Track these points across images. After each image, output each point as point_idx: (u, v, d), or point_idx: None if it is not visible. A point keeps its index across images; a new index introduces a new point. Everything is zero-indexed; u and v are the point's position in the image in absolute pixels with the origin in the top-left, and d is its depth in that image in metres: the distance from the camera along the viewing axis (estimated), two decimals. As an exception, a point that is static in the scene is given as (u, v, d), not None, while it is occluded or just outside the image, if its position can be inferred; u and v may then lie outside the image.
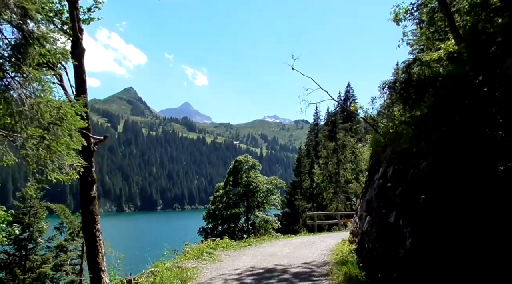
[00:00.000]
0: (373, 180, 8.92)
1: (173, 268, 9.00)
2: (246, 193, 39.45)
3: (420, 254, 3.90)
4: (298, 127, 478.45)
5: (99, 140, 11.15)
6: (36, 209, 14.88)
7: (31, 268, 13.81)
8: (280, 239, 16.02)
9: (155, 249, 23.25)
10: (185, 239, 54.26)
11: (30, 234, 14.34)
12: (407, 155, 6.00)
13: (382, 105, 12.38)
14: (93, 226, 10.30)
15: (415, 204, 4.52)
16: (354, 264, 7.50)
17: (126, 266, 15.65)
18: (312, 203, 45.43)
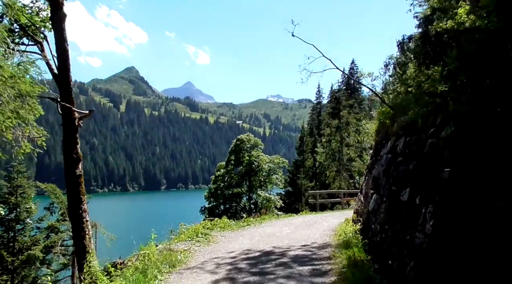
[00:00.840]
0: (380, 156, 8.13)
1: (163, 251, 8.34)
2: (248, 172, 38.89)
3: (445, 241, 3.16)
4: (301, 106, 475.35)
5: (84, 115, 10.36)
6: (23, 188, 14.23)
7: (20, 250, 13.27)
8: (281, 218, 15.38)
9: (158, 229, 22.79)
10: (187, 218, 54.30)
11: (17, 214, 13.74)
12: (423, 123, 5.18)
13: (387, 80, 11.48)
14: (79, 206, 9.63)
15: (436, 180, 3.75)
16: (359, 247, 6.79)
17: (125, 247, 15.16)
18: (314, 182, 44.95)
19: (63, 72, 10.14)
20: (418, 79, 5.86)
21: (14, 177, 14.13)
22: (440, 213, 3.29)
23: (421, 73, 5.85)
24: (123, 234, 47.79)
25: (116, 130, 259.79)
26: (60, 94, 10.13)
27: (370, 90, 9.16)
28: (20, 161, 14.41)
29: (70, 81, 10.21)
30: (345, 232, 9.18)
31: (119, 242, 44.10)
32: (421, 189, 4.11)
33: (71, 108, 9.87)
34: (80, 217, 9.56)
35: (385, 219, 5.66)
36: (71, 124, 10.04)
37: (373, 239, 6.55)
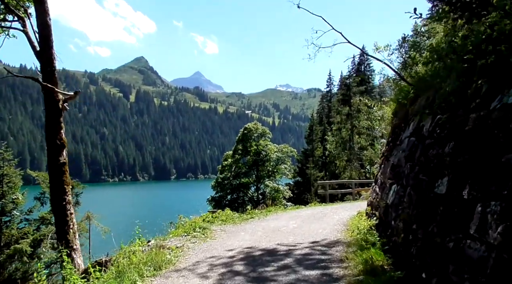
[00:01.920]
0: (400, 140, 7.02)
1: (153, 248, 7.40)
2: (256, 161, 37.94)
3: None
4: (310, 95, 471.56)
5: (69, 97, 9.40)
6: (10, 177, 13.38)
7: (7, 243, 12.49)
8: (288, 210, 14.36)
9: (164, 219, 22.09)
10: (194, 209, 53.91)
11: (2, 205, 12.90)
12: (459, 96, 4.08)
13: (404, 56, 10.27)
14: (62, 197, 8.73)
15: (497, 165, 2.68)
16: (376, 248, 5.74)
17: (128, 239, 14.33)
18: (324, 172, 43.84)
19: (45, 49, 9.17)
20: (450, 44, 4.72)
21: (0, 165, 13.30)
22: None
23: (456, 34, 4.72)
24: (128, 225, 47.49)
25: (126, 120, 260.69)
26: (42, 73, 9.19)
27: (387, 66, 7.99)
28: (6, 148, 13.59)
29: (53, 59, 9.23)
30: (358, 228, 8.12)
31: (123, 233, 43.83)
32: (471, 179, 3.04)
33: (53, 89, 8.90)
34: (64, 209, 8.66)
35: (412, 216, 4.58)
36: (54, 107, 9.10)
37: (394, 239, 5.48)
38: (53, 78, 9.17)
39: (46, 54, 9.13)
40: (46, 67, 9.13)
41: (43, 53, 9.13)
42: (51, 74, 9.16)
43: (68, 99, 9.44)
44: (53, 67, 9.24)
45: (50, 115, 9.07)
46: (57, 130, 9.04)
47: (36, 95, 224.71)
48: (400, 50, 9.06)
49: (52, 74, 9.18)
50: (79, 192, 15.89)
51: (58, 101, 9.15)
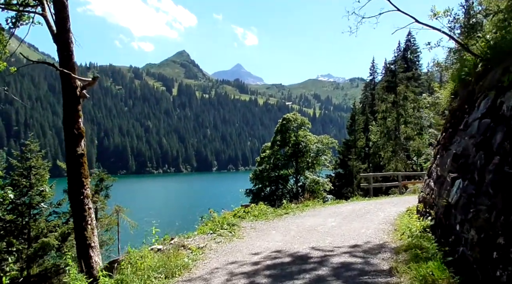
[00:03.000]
0: (465, 124, 5.68)
1: (170, 250, 6.58)
2: (295, 153, 36.72)
3: None
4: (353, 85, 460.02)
5: (88, 83, 8.76)
6: (37, 169, 13.16)
7: (37, 237, 12.30)
8: (327, 205, 13.16)
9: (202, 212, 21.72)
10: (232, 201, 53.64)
11: (29, 198, 12.73)
12: None
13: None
14: (80, 191, 8.12)
15: None
16: (437, 259, 4.52)
17: (159, 233, 13.80)
18: (367, 163, 41.95)
19: (61, 32, 8.56)
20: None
21: (27, 157, 13.07)
22: None
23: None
24: (165, 218, 48.17)
25: (169, 113, 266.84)
26: (59, 58, 8.59)
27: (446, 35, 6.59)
28: (33, 139, 13.41)
29: (70, 43, 8.61)
30: (409, 229, 6.86)
31: (160, 226, 44.50)
32: None
33: (70, 75, 8.27)
34: (81, 203, 8.06)
35: (496, 225, 3.35)
36: (71, 94, 8.50)
37: (461, 250, 4.25)
38: (70, 63, 8.57)
39: (62, 37, 8.53)
40: (63, 51, 8.53)
41: (59, 36, 8.54)
42: (67, 59, 8.56)
43: (86, 86, 8.81)
44: (70, 51, 8.63)
45: (67, 103, 8.49)
46: (75, 118, 8.45)
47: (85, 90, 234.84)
48: (463, 15, 7.60)
49: (69, 59, 8.58)
50: (109, 184, 15.57)
51: (75, 87, 8.54)
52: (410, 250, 5.37)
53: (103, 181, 15.17)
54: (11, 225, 11.91)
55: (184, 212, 50.06)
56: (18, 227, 12.00)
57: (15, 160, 12.87)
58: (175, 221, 19.81)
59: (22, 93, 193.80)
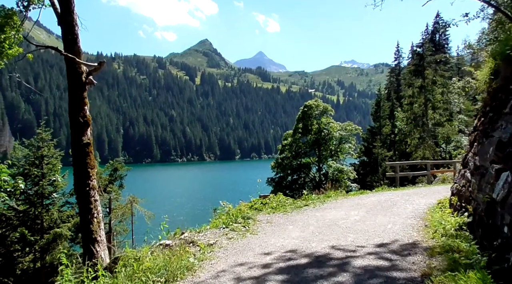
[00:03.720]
0: None
1: (177, 247, 6.07)
2: (317, 140, 35.83)
3: None
4: (377, 71, 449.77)
5: (94, 68, 8.28)
6: (49, 158, 12.87)
7: (50, 227, 12.12)
8: (350, 196, 12.39)
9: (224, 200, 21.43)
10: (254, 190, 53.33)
11: (40, 188, 12.50)
12: None
13: None
14: (85, 182, 7.72)
15: None
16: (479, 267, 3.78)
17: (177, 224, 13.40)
18: (393, 151, 40.63)
19: (65, 15, 8.09)
20: None
21: (38, 145, 12.80)
22: None
23: None
24: (185, 207, 48.49)
25: (192, 102, 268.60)
26: (64, 42, 8.15)
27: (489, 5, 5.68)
28: (45, 128, 13.16)
29: (74, 26, 8.13)
30: (443, 226, 6.10)
31: (175, 217, 44.26)
32: None
33: (74, 59, 7.81)
34: (87, 195, 7.66)
35: None
36: (76, 80, 8.06)
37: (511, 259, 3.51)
38: (74, 47, 8.11)
39: (66, 19, 8.05)
40: (67, 35, 8.07)
41: (63, 18, 8.06)
42: (72, 43, 8.10)
43: (92, 71, 8.34)
44: (75, 34, 8.15)
45: (72, 89, 8.06)
46: (80, 106, 8.02)
47: (111, 81, 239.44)
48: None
49: (73, 43, 8.11)
50: (123, 174, 15.28)
51: (81, 73, 8.09)
52: (446, 254, 4.64)
53: (117, 171, 14.90)
54: (24, 215, 11.79)
55: (204, 201, 50.30)
56: (30, 217, 11.85)
57: (27, 149, 12.66)
58: (194, 211, 19.36)
59: (51, 83, 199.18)
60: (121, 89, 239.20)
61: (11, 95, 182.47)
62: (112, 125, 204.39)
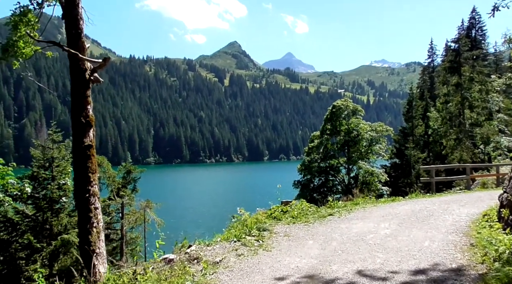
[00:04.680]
0: None
1: (175, 266, 5.29)
2: (347, 142, 34.52)
3: None
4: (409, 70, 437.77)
5: (99, 65, 7.67)
6: (59, 160, 12.37)
7: (59, 233, 11.64)
8: (380, 204, 11.24)
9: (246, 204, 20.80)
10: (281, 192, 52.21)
11: (49, 192, 12.01)
12: None
13: None
14: (85, 188, 7.08)
15: None
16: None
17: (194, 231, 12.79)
18: (427, 153, 38.63)
19: (69, 8, 7.52)
20: None
21: (48, 147, 12.32)
22: None
23: None
24: (205, 212, 47.96)
25: (221, 103, 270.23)
26: (67, 37, 7.59)
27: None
28: (56, 129, 12.73)
29: (79, 20, 7.53)
30: (495, 248, 5.01)
31: (194, 221, 43.53)
32: None
33: (77, 55, 7.22)
34: (86, 202, 7.02)
35: None
36: (80, 77, 7.46)
37: None
38: (78, 42, 7.51)
39: (70, 13, 7.48)
40: (71, 30, 7.49)
41: (67, 12, 7.50)
42: (76, 38, 7.51)
43: (97, 68, 7.72)
44: (79, 29, 7.56)
45: (74, 87, 7.47)
46: (83, 105, 7.41)
47: (142, 82, 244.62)
48: None
49: (77, 38, 7.52)
50: (137, 177, 14.70)
51: (84, 70, 7.49)
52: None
53: (130, 174, 14.35)
54: (31, 221, 11.39)
55: (227, 205, 49.77)
56: (38, 223, 11.43)
57: (37, 150, 12.28)
58: (215, 214, 18.44)
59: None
60: (152, 90, 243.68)
61: (49, 97, 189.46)
62: (143, 126, 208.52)
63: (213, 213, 45.19)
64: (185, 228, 15.87)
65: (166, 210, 39.70)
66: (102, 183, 13.72)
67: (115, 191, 13.41)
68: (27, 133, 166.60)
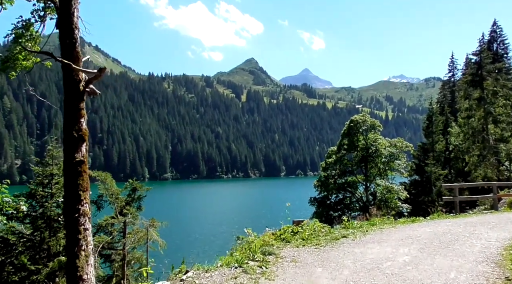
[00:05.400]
0: None
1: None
2: (364, 157, 33.53)
3: None
4: (428, 85, 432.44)
5: (94, 76, 7.22)
6: (59, 177, 11.91)
7: (57, 253, 11.09)
8: (398, 224, 10.38)
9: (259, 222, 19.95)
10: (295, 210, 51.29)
11: (47, 210, 11.48)
12: None
13: None
14: (75, 207, 6.55)
15: None
16: None
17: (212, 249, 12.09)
18: (448, 169, 37.21)
19: (64, 16, 7.15)
20: None
21: (48, 162, 11.90)
22: None
23: None
24: (219, 226, 47.08)
25: (238, 119, 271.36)
26: (61, 47, 7.21)
27: None
28: (56, 144, 12.34)
29: (73, 29, 7.15)
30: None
31: (210, 237, 42.56)
32: None
33: (70, 65, 6.81)
34: (75, 223, 6.47)
35: None
36: (73, 89, 7.02)
37: None
38: (73, 52, 7.10)
39: (65, 22, 7.11)
40: (65, 39, 7.09)
41: (61, 21, 7.14)
42: (70, 48, 7.11)
43: (93, 79, 7.28)
44: (74, 39, 7.15)
45: (68, 99, 7.02)
46: (76, 118, 6.95)
47: (161, 99, 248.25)
48: None
49: (71, 48, 7.11)
50: (142, 195, 14.10)
51: (78, 81, 7.06)
52: None
53: (135, 191, 13.80)
54: (27, 241, 10.86)
55: (238, 222, 48.90)
56: (35, 243, 10.93)
57: (37, 167, 11.90)
58: (224, 232, 17.60)
59: (106, 102, 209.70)
60: (170, 107, 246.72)
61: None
62: (161, 141, 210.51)
63: (222, 230, 44.38)
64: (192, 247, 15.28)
65: (176, 227, 38.85)
66: (104, 200, 13.23)
67: (118, 209, 12.87)
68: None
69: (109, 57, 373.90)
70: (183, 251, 9.03)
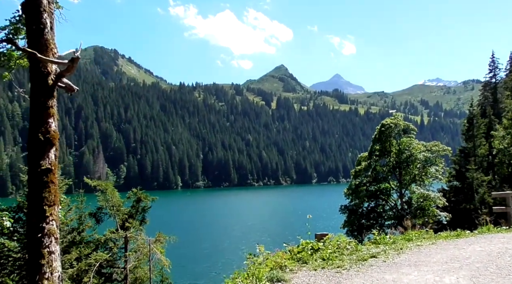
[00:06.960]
0: None
1: None
2: (398, 163, 31.25)
3: None
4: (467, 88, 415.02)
5: (66, 68, 6.08)
6: None
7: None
8: (439, 240, 8.64)
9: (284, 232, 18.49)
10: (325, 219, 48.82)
11: None
12: None
13: None
14: (38, 226, 5.35)
15: None
16: None
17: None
18: (492, 175, 34.30)
19: (30, -1, 6.11)
20: None
21: None
22: None
23: None
24: (241, 237, 45.50)
25: (268, 126, 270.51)
26: (27, 33, 6.14)
27: None
28: None
29: (41, 13, 6.06)
30: None
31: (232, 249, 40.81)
32: None
33: (35, 55, 5.71)
34: (38, 245, 5.28)
35: None
36: (40, 83, 5.90)
37: None
38: (40, 40, 5.99)
39: (31, 4, 6.06)
40: (31, 24, 5.99)
41: (27, 2, 6.10)
42: (37, 34, 5.98)
43: (64, 72, 6.11)
44: (41, 23, 6.06)
45: (34, 96, 5.84)
46: (42, 118, 5.75)
47: (192, 108, 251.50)
48: None
49: (38, 35, 5.99)
50: (147, 206, 12.77)
51: (46, 74, 5.92)
52: None
53: (140, 202, 12.52)
54: (18, 260, 9.87)
55: (261, 233, 47.27)
56: (21, 263, 9.89)
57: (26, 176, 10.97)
58: (243, 245, 15.91)
59: (139, 112, 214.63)
60: (201, 116, 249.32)
61: (105, 125, 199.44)
62: (193, 150, 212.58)
63: (248, 240, 42.86)
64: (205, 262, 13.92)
65: (193, 239, 37.54)
66: (104, 212, 12.12)
67: (119, 223, 11.70)
68: (86, 160, 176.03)
69: (142, 68, 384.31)
70: (203, 263, 7.79)
